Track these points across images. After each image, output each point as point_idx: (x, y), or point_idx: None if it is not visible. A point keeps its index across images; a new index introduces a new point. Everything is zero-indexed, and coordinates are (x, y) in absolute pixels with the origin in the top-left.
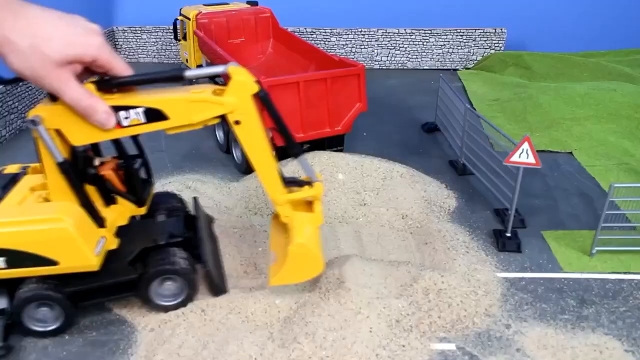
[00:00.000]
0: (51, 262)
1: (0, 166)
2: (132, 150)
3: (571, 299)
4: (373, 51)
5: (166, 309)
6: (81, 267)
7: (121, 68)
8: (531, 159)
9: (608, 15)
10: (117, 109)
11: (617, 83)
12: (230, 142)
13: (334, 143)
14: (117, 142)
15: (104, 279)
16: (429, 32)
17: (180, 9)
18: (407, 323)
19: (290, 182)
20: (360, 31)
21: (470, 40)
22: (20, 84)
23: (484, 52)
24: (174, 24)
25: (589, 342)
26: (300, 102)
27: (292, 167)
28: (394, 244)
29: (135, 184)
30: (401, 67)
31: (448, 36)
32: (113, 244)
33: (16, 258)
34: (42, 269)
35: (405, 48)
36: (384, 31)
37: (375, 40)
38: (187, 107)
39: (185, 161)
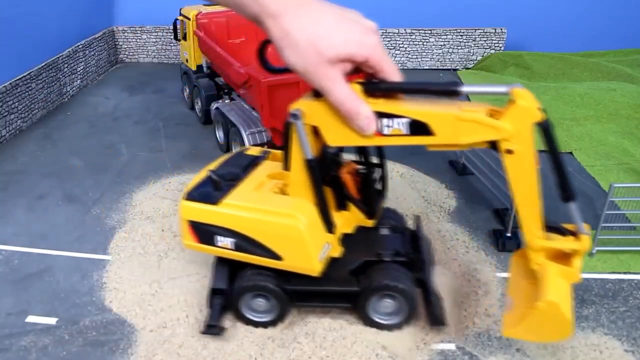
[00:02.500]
0: (276, 257)
1: None
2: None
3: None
4: None
5: (381, 327)
6: (303, 269)
7: (391, 72)
8: None
9: (608, 15)
10: (380, 115)
11: (617, 83)
12: (230, 142)
13: None
14: (363, 148)
15: (325, 285)
16: (429, 32)
17: (180, 9)
18: (407, 323)
19: (552, 228)
20: None
21: (470, 40)
22: (19, 85)
23: (484, 52)
24: (174, 24)
25: (589, 342)
26: None
27: None
28: None
29: (371, 194)
30: (401, 67)
31: (448, 36)
32: (337, 251)
33: (245, 243)
34: (265, 261)
35: (405, 48)
36: (384, 31)
37: None
38: (456, 126)
39: (185, 161)
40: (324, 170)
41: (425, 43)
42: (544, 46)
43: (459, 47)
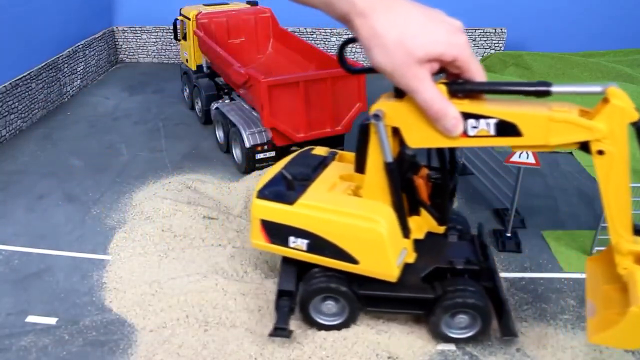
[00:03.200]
0: (352, 260)
1: None
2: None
3: (571, 299)
4: None
5: (450, 340)
6: (380, 274)
7: (477, 72)
8: (531, 159)
9: (608, 15)
10: (466, 116)
11: (617, 83)
12: (230, 142)
13: (334, 143)
14: (441, 153)
15: (398, 291)
16: None
17: (180, 9)
18: (407, 323)
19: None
20: None
21: (470, 40)
22: (19, 85)
23: (484, 52)
24: (174, 24)
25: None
26: (301, 102)
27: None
28: None
29: (443, 200)
30: None
31: None
32: (411, 257)
33: (319, 245)
34: (340, 264)
35: None
36: None
37: None
38: (546, 126)
39: (185, 161)
40: (401, 173)
41: None
42: (544, 46)
43: None
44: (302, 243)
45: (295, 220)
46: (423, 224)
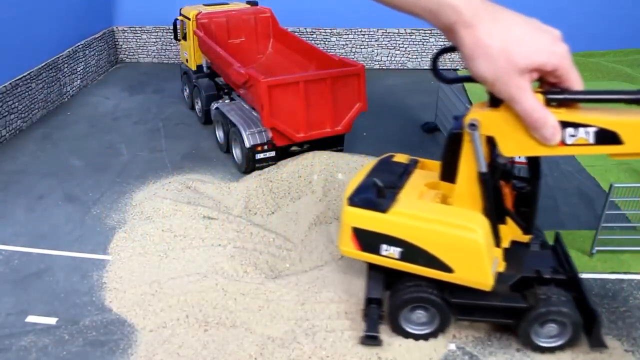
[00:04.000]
0: (446, 268)
1: None
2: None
3: None
4: (373, 51)
5: (541, 349)
6: (476, 283)
7: (576, 81)
8: None
9: (608, 15)
10: (564, 124)
11: (617, 83)
12: (230, 142)
13: (334, 143)
14: (535, 162)
15: (491, 300)
16: (429, 32)
17: (180, 9)
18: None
19: None
20: (360, 31)
21: None
22: (19, 85)
23: None
24: (174, 24)
25: None
26: (301, 102)
27: (292, 167)
28: None
29: (532, 209)
30: (401, 67)
31: None
32: (502, 266)
33: (412, 253)
34: (433, 272)
35: (405, 48)
36: (384, 31)
37: (375, 40)
38: None
39: (185, 161)
40: (495, 181)
41: (425, 43)
42: None
43: None
44: (395, 251)
45: (389, 228)
46: (508, 233)
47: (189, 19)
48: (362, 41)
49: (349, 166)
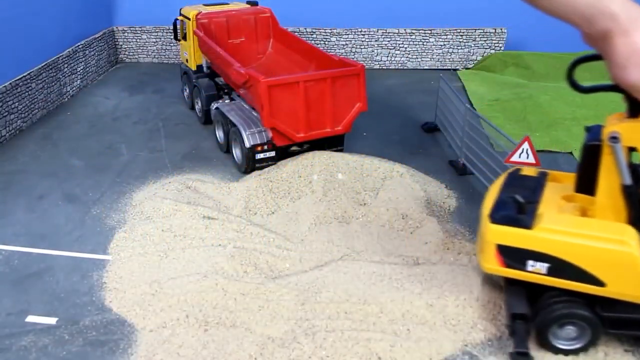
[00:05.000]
0: (597, 282)
1: None
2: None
3: None
4: (373, 51)
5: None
6: (631, 296)
7: None
8: (531, 159)
9: None
10: None
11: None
12: (230, 142)
13: (334, 143)
14: None
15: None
16: (429, 32)
17: (180, 9)
18: (407, 323)
19: None
20: (360, 31)
21: (470, 40)
22: (19, 85)
23: (484, 52)
24: (174, 24)
25: None
26: (301, 102)
27: (292, 167)
28: (393, 244)
29: None
30: (401, 67)
31: (448, 36)
32: None
33: (561, 268)
34: (583, 286)
35: (405, 48)
36: (384, 31)
37: (375, 40)
38: None
39: (185, 161)
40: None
41: (425, 43)
42: (544, 46)
43: (459, 47)
44: (542, 267)
45: (537, 244)
46: None
47: (189, 19)
48: (362, 41)
49: (349, 166)
